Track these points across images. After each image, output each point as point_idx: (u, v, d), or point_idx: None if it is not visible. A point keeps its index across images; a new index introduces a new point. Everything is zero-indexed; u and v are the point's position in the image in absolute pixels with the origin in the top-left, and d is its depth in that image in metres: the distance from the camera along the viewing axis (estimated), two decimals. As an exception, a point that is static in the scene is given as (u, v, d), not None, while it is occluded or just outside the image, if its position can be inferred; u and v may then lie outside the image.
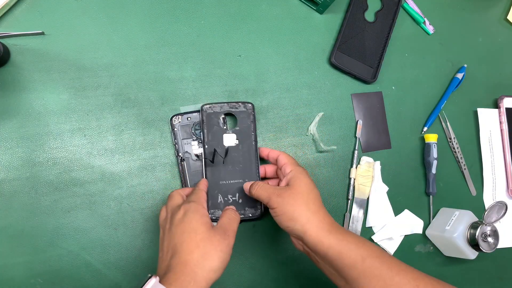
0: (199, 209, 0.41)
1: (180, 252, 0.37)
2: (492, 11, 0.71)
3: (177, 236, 0.39)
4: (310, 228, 0.40)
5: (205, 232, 0.39)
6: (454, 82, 0.64)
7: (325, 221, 0.41)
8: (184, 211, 0.41)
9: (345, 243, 0.39)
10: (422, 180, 0.62)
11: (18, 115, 0.48)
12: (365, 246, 0.40)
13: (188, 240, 0.38)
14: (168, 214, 0.42)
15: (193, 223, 0.39)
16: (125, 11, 0.53)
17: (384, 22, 0.62)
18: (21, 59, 0.49)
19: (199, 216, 0.40)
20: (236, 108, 0.52)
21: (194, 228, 0.39)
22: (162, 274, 0.37)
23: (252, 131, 0.52)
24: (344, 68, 0.59)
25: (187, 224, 0.39)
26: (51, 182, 0.48)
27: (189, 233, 0.38)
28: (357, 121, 0.60)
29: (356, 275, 0.39)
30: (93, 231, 0.48)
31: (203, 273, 0.37)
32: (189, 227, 0.39)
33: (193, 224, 0.39)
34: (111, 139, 0.50)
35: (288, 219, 0.41)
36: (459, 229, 0.55)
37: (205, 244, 0.38)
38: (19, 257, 0.46)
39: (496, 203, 0.55)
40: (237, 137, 0.51)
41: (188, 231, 0.39)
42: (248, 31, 0.57)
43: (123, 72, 0.52)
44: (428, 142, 0.60)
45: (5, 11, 0.48)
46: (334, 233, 0.40)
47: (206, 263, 0.37)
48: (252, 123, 0.52)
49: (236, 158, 0.50)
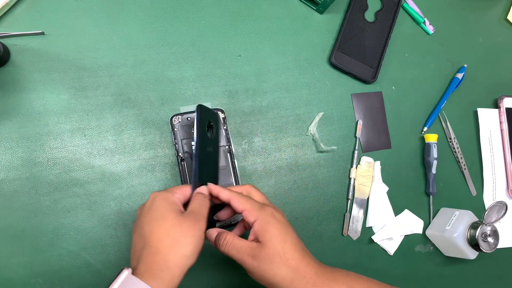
0: (167, 197, 0.39)
1: (151, 241, 0.36)
2: (492, 11, 0.71)
3: (146, 225, 0.37)
4: (296, 286, 0.38)
5: (174, 218, 0.37)
6: (454, 82, 0.64)
7: (308, 274, 0.38)
8: (152, 198, 0.39)
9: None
10: (422, 180, 0.62)
11: (18, 115, 0.48)
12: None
13: (158, 228, 0.36)
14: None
15: (161, 210, 0.38)
16: (125, 11, 0.53)
17: (384, 22, 0.62)
18: (21, 59, 0.49)
19: (166, 204, 0.38)
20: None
21: (162, 215, 0.37)
22: (134, 266, 0.36)
23: (219, 139, 0.49)
24: (344, 68, 0.59)
25: (155, 211, 0.38)
26: (51, 182, 0.48)
27: (158, 220, 0.37)
28: (357, 121, 0.60)
29: None
30: (93, 231, 0.48)
31: (176, 259, 0.35)
32: (157, 214, 0.37)
33: (161, 211, 0.37)
34: (111, 139, 0.50)
35: (269, 284, 0.38)
36: (459, 229, 0.55)
37: (175, 230, 0.36)
38: (19, 257, 0.46)
39: (496, 203, 0.55)
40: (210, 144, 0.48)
41: (157, 219, 0.37)
42: (248, 31, 0.57)
43: (123, 72, 0.52)
44: (428, 142, 0.60)
45: (5, 11, 0.48)
46: (321, 286, 0.38)
47: (177, 250, 0.36)
48: (220, 130, 0.49)
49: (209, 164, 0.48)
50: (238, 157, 0.54)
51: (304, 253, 0.39)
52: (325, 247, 0.56)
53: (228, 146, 0.53)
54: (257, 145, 0.55)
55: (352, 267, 0.55)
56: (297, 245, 0.39)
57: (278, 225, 0.39)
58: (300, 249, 0.39)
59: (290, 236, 0.39)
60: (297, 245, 0.39)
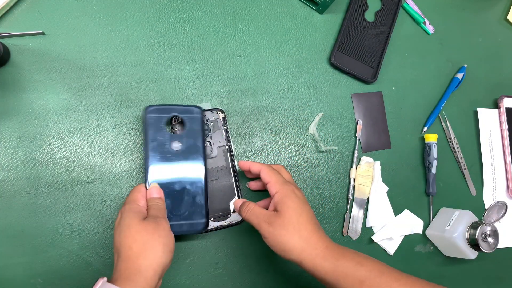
0: (132, 208, 0.41)
1: (121, 251, 0.38)
2: (492, 11, 0.71)
3: (117, 238, 0.39)
4: (306, 257, 0.40)
5: (137, 224, 0.39)
6: (454, 82, 0.64)
7: (319, 247, 0.40)
8: (120, 214, 0.41)
9: (341, 269, 0.39)
10: (422, 180, 0.62)
11: (18, 115, 0.48)
12: (363, 267, 0.39)
13: (125, 238, 0.38)
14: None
15: (127, 221, 0.39)
16: (125, 11, 0.53)
17: (384, 22, 0.62)
18: (21, 59, 0.49)
19: (132, 214, 0.40)
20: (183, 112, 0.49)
21: (127, 224, 0.39)
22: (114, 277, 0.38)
23: (199, 136, 0.49)
24: (344, 68, 0.59)
25: (123, 225, 0.39)
26: (51, 182, 0.48)
27: (125, 231, 0.39)
28: (357, 121, 0.60)
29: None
30: (93, 231, 0.48)
31: (147, 262, 0.37)
32: (123, 226, 0.39)
33: (127, 222, 0.39)
34: (111, 139, 0.50)
35: (282, 250, 0.41)
36: (459, 229, 0.55)
37: (141, 235, 0.38)
38: (19, 257, 0.46)
39: (496, 203, 0.55)
40: (183, 141, 0.48)
41: (124, 230, 0.39)
42: (248, 31, 0.57)
43: (123, 72, 0.52)
44: (428, 142, 0.60)
45: (5, 11, 0.48)
46: (330, 259, 0.40)
47: (148, 253, 0.37)
48: (200, 127, 0.49)
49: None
50: (238, 157, 0.54)
51: (317, 228, 0.42)
52: (325, 247, 0.56)
53: (228, 146, 0.53)
54: (257, 145, 0.55)
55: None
56: (312, 220, 0.42)
57: (296, 199, 0.42)
58: (314, 224, 0.42)
59: (306, 211, 0.42)
60: (312, 219, 0.42)
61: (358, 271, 0.39)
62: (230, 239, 0.52)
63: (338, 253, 0.40)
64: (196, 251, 0.51)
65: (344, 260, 0.40)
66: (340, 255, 0.40)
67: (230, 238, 0.52)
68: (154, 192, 0.44)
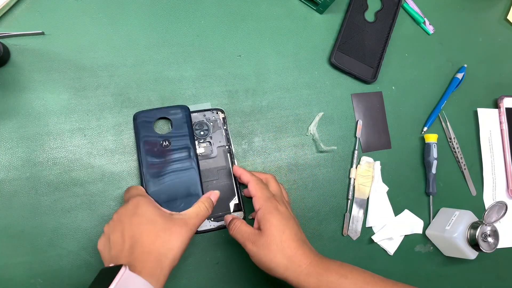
0: (150, 201, 0.41)
1: (142, 242, 0.38)
2: (492, 11, 0.71)
3: (134, 228, 0.38)
4: (290, 275, 0.40)
5: (164, 223, 0.39)
6: (454, 82, 0.64)
7: (303, 263, 0.40)
8: (135, 203, 0.40)
9: (325, 284, 0.39)
10: (422, 180, 0.62)
11: (18, 115, 0.48)
12: (347, 280, 0.39)
13: (148, 231, 0.38)
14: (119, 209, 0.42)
15: (149, 215, 0.39)
16: (125, 11, 0.53)
17: (384, 22, 0.62)
18: (21, 59, 0.49)
19: (152, 208, 0.40)
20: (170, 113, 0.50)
21: (151, 219, 0.39)
22: (126, 263, 0.37)
23: (187, 133, 0.50)
24: (344, 68, 0.59)
25: (143, 217, 0.39)
26: (51, 182, 0.48)
27: (147, 224, 0.39)
28: (357, 121, 0.60)
29: None
30: (93, 231, 0.48)
31: (167, 260, 0.38)
32: (145, 219, 0.39)
33: (149, 217, 0.39)
34: (111, 139, 0.50)
35: (266, 269, 0.41)
36: (459, 229, 0.55)
37: (165, 234, 0.39)
38: (19, 257, 0.46)
39: (496, 203, 0.55)
40: (171, 142, 0.49)
41: (146, 223, 0.39)
42: (248, 31, 0.57)
43: (123, 72, 0.52)
44: (428, 142, 0.60)
45: (5, 11, 0.48)
46: (314, 275, 0.40)
47: (168, 252, 0.38)
48: (187, 127, 0.50)
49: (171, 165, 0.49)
50: (238, 157, 0.54)
51: (302, 244, 0.41)
52: (325, 247, 0.56)
53: (228, 146, 0.53)
54: (257, 145, 0.55)
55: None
56: (296, 236, 0.41)
57: (279, 216, 0.42)
58: (298, 240, 0.41)
59: (289, 227, 0.42)
60: (296, 236, 0.41)
61: (342, 283, 0.39)
62: (230, 239, 0.52)
63: (322, 268, 0.40)
64: (196, 251, 0.51)
65: (328, 274, 0.40)
66: (324, 270, 0.40)
67: (230, 238, 0.52)
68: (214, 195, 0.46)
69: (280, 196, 0.46)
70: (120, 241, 0.38)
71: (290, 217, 0.43)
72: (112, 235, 0.39)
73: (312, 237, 0.55)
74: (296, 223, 0.43)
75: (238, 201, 0.52)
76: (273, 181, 0.48)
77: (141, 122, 0.49)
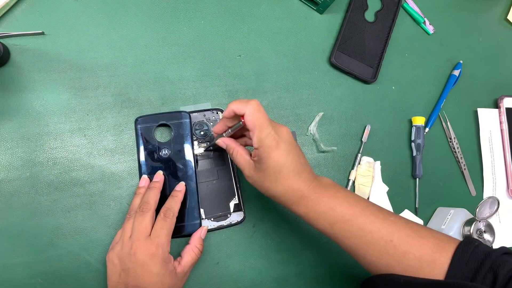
0: (165, 257, 0.42)
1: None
2: (492, 11, 0.71)
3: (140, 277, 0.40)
4: (283, 202, 0.42)
5: (169, 282, 0.41)
6: (451, 80, 0.64)
7: (295, 196, 0.41)
8: (151, 256, 0.41)
9: (312, 215, 0.41)
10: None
11: (18, 115, 0.48)
12: (335, 213, 0.41)
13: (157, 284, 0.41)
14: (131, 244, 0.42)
15: (158, 268, 0.41)
16: (125, 11, 0.53)
17: (384, 22, 0.62)
18: (21, 59, 0.49)
19: (165, 264, 0.41)
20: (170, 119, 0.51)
21: (161, 277, 0.41)
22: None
23: (187, 140, 0.50)
24: (344, 68, 0.59)
25: (153, 269, 0.40)
26: (51, 182, 0.48)
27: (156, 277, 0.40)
28: (365, 126, 0.60)
29: (330, 236, 0.42)
30: (93, 231, 0.48)
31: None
32: (155, 274, 0.40)
33: (157, 270, 0.41)
34: (111, 139, 0.50)
35: (263, 192, 0.43)
36: (455, 227, 0.55)
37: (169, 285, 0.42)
38: (19, 257, 0.45)
39: (487, 198, 0.55)
40: (171, 148, 0.50)
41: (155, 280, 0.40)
42: (248, 31, 0.57)
43: (123, 72, 0.52)
44: (416, 125, 0.61)
45: (5, 11, 0.48)
46: (303, 206, 0.42)
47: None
48: (188, 131, 0.51)
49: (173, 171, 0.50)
50: (238, 157, 0.54)
51: (297, 179, 0.41)
52: (325, 247, 0.56)
53: (228, 146, 0.53)
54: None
55: (352, 267, 0.55)
56: (293, 171, 0.41)
57: (277, 154, 0.40)
58: (294, 175, 0.41)
59: (288, 163, 0.41)
60: (293, 171, 0.41)
61: (329, 216, 0.41)
62: (230, 239, 0.52)
63: (312, 200, 0.41)
64: (196, 251, 0.51)
65: (317, 206, 0.41)
66: (314, 202, 0.41)
67: (230, 238, 0.52)
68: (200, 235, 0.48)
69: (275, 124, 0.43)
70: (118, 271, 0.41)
71: (289, 150, 0.41)
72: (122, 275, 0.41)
73: (312, 237, 0.55)
74: (295, 153, 0.41)
75: (238, 201, 0.52)
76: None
77: (141, 128, 0.50)
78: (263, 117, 0.39)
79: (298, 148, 0.43)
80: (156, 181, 0.47)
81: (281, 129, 0.41)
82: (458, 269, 0.37)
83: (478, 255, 0.38)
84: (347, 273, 0.55)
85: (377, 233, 0.40)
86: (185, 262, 0.44)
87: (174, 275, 0.42)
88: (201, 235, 0.47)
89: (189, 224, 0.48)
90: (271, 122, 0.40)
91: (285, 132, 0.41)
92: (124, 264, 0.41)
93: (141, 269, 0.40)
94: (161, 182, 0.47)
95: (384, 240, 0.39)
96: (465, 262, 0.37)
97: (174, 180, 0.49)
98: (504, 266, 0.36)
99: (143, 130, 0.50)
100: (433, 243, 0.39)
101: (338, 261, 0.56)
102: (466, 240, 0.39)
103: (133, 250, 0.40)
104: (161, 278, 0.40)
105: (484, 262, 0.37)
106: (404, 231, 0.40)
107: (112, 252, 0.42)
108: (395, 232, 0.40)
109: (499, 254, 0.38)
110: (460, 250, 0.38)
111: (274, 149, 0.39)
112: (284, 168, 0.40)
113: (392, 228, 0.40)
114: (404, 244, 0.39)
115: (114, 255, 0.42)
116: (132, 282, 0.40)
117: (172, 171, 0.49)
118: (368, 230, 0.40)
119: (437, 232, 0.41)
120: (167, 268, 0.41)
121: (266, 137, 0.39)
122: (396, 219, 0.41)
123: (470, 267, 0.37)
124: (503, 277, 0.36)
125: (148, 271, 0.40)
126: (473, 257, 0.37)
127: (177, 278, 0.42)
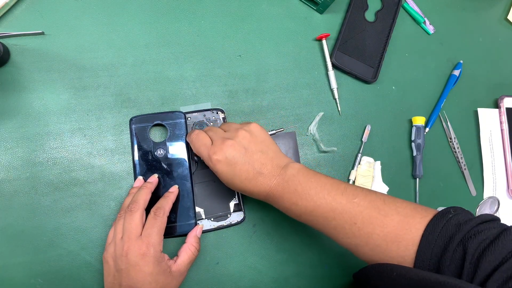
0: (157, 256, 0.41)
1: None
2: (492, 11, 0.71)
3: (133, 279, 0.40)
4: (252, 196, 0.44)
5: (164, 281, 0.41)
6: (451, 79, 0.64)
7: (259, 194, 0.43)
8: (142, 256, 0.40)
9: (281, 208, 0.43)
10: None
11: (18, 115, 0.48)
12: (298, 207, 0.41)
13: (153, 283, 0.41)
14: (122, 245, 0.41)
15: (150, 268, 0.40)
16: (125, 11, 0.53)
17: (384, 22, 0.62)
18: (21, 59, 0.49)
19: (157, 263, 0.41)
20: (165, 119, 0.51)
21: (154, 277, 0.40)
22: None
23: (183, 141, 0.51)
24: (344, 68, 0.59)
25: (145, 269, 0.40)
26: (51, 182, 0.48)
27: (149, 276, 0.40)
28: (365, 126, 0.59)
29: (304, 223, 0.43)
30: (93, 231, 0.48)
31: None
32: (148, 274, 0.40)
33: (150, 269, 0.40)
34: (111, 139, 0.50)
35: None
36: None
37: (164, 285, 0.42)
38: (19, 257, 0.46)
39: (488, 198, 0.55)
40: (166, 148, 0.50)
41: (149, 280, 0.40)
42: (248, 31, 0.57)
43: (123, 72, 0.52)
44: (416, 125, 0.61)
45: (5, 11, 0.48)
46: (271, 201, 0.43)
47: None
48: (183, 131, 0.51)
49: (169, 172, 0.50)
50: (238, 157, 0.54)
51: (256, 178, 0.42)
52: (325, 247, 0.56)
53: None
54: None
55: (353, 267, 0.55)
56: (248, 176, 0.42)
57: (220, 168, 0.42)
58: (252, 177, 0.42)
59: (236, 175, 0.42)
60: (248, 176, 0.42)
61: (294, 210, 0.42)
62: (230, 239, 0.52)
63: (277, 197, 0.42)
64: (196, 251, 0.51)
65: (282, 203, 0.42)
66: (279, 199, 0.42)
67: (230, 238, 0.52)
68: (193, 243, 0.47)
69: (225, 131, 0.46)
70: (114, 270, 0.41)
71: (233, 164, 0.41)
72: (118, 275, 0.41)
73: (312, 237, 0.55)
74: (244, 162, 0.42)
75: (238, 201, 0.52)
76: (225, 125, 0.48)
77: (136, 128, 0.50)
78: (200, 147, 0.44)
79: (252, 151, 0.42)
80: (148, 182, 0.47)
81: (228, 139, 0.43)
82: (427, 245, 0.35)
83: (450, 227, 0.35)
84: (347, 273, 0.55)
85: (341, 218, 0.40)
86: (181, 261, 0.44)
87: (168, 273, 0.42)
88: (196, 234, 0.47)
89: (184, 224, 0.48)
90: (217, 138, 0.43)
91: (229, 144, 0.42)
92: (117, 265, 0.41)
93: (133, 269, 0.40)
94: (154, 183, 0.47)
95: (348, 224, 0.39)
96: (435, 238, 0.35)
97: (169, 180, 0.49)
98: (475, 238, 0.33)
99: (138, 130, 0.50)
100: (398, 220, 0.38)
101: (339, 261, 0.56)
102: (441, 211, 0.37)
103: (125, 250, 0.40)
104: (154, 277, 0.40)
105: (454, 235, 0.34)
106: (367, 211, 0.39)
107: (106, 253, 0.42)
108: (358, 214, 0.39)
109: (475, 224, 0.34)
110: (432, 224, 0.36)
111: (217, 170, 0.42)
112: (235, 178, 0.42)
113: (355, 210, 0.39)
114: (367, 226, 0.38)
115: (109, 256, 0.42)
116: (126, 282, 0.40)
117: (167, 171, 0.49)
118: (332, 217, 0.40)
119: (404, 208, 0.39)
120: (160, 267, 0.41)
121: (206, 162, 0.44)
122: (361, 200, 0.40)
123: (439, 243, 0.34)
124: (472, 252, 0.32)
125: (140, 271, 0.40)
126: (444, 230, 0.35)
127: (171, 276, 0.42)
